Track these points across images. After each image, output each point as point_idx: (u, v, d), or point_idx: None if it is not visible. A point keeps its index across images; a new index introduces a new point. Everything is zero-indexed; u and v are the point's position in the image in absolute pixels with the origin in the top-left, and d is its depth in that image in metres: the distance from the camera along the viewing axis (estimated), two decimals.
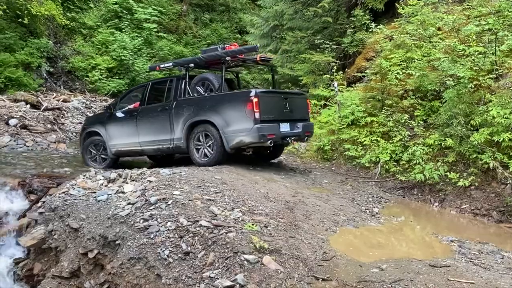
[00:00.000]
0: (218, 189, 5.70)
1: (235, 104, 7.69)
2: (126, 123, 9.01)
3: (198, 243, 4.04)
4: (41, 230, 6.04)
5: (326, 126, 10.89)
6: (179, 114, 8.24)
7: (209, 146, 7.90)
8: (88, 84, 18.44)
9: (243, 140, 7.56)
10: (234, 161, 8.63)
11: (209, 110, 7.83)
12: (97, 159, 9.53)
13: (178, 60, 9.14)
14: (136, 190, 6.02)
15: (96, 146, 9.52)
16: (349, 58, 13.20)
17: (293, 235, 4.39)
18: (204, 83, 8.49)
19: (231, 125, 7.60)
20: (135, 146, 8.94)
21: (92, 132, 9.52)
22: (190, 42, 23.65)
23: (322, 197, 6.65)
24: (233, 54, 8.20)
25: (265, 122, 7.52)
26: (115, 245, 4.88)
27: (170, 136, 8.37)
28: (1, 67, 15.83)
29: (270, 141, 7.56)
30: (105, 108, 10.20)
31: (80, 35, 19.77)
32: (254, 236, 3.92)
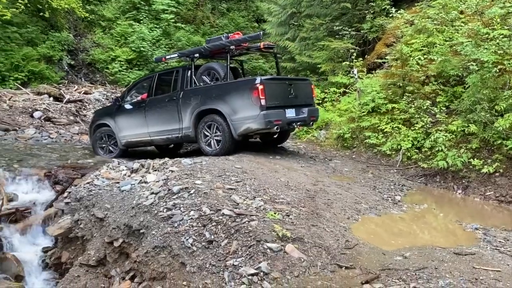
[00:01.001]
0: (239, 178, 5.74)
1: (241, 92, 7.82)
2: (135, 114, 9.19)
3: (221, 231, 4.09)
4: (68, 219, 6.19)
5: (346, 114, 10.80)
6: (186, 103, 8.38)
7: (217, 136, 8.04)
8: (108, 76, 18.65)
9: (250, 127, 7.71)
10: (253, 150, 8.70)
11: (216, 98, 7.98)
12: (108, 150, 9.72)
13: (183, 50, 9.31)
14: (158, 180, 6.11)
15: (105, 137, 9.70)
16: (369, 44, 12.99)
17: (315, 223, 4.40)
18: (210, 73, 8.65)
19: (238, 113, 7.75)
20: (145, 136, 9.12)
21: (102, 124, 9.71)
22: (208, 32, 23.60)
23: (343, 186, 6.63)
24: (237, 43, 8.32)
25: (271, 109, 7.66)
26: (139, 234, 4.98)
27: (178, 125, 8.54)
28: (24, 61, 16.14)
29: (276, 127, 7.73)
30: (113, 100, 10.33)
31: (99, 27, 19.96)
32: (276, 225, 3.95)
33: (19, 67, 15.91)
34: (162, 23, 20.97)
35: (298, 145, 10.62)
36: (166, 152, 9.96)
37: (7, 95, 12.62)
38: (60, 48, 17.73)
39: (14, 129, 10.89)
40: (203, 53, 8.74)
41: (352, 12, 13.17)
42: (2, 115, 11.12)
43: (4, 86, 15.25)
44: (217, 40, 8.72)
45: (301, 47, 14.56)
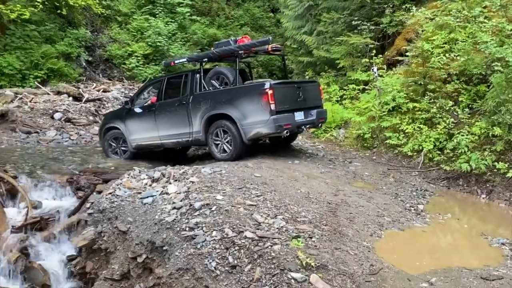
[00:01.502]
0: (259, 191, 5.72)
1: (251, 96, 7.86)
2: (145, 118, 9.25)
3: (244, 256, 4.10)
4: (91, 231, 6.28)
5: (366, 112, 10.65)
6: (196, 108, 8.43)
7: (227, 140, 8.08)
8: (125, 71, 18.73)
9: (260, 132, 7.80)
10: (271, 152, 8.68)
11: (226, 103, 8.02)
12: (118, 152, 9.80)
13: (192, 55, 9.41)
14: (179, 191, 6.14)
15: (116, 139, 9.78)
16: (388, 38, 12.74)
17: (338, 246, 4.37)
18: (219, 77, 8.70)
19: (248, 117, 7.80)
20: (155, 140, 9.19)
21: (112, 127, 9.78)
22: (223, 24, 23.50)
23: (364, 194, 6.57)
24: (246, 49, 8.39)
25: (280, 113, 7.71)
26: (162, 251, 5.03)
27: (188, 129, 8.61)
28: (43, 58, 16.29)
29: (286, 131, 7.81)
30: (122, 104, 10.40)
31: (116, 23, 20.02)
32: (300, 252, 3.93)
33: (38, 65, 16.07)
34: (177, 16, 20.93)
35: (317, 145, 10.55)
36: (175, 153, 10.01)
37: (28, 96, 12.78)
38: (77, 44, 17.83)
39: (36, 131, 11.06)
40: (211, 58, 8.86)
41: (370, 5, 12.89)
42: (24, 117, 11.29)
43: (25, 84, 15.45)
44: (225, 44, 8.76)
45: (318, 41, 14.38)
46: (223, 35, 22.70)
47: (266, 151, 8.95)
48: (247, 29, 23.75)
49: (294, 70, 17.34)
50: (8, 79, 15.25)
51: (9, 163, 8.59)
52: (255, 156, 8.46)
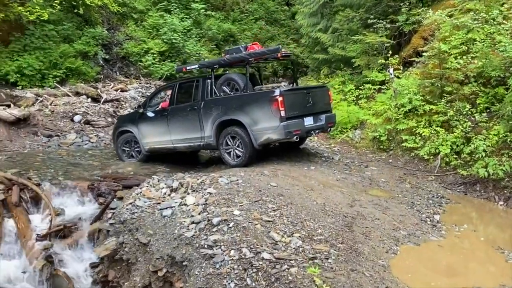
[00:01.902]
0: (275, 204, 5.82)
1: (261, 103, 8.04)
2: (158, 122, 9.47)
3: (262, 278, 4.21)
4: (113, 241, 6.48)
5: (382, 113, 10.60)
6: (207, 113, 8.64)
7: (238, 146, 8.29)
8: (142, 68, 18.90)
9: (271, 137, 8.01)
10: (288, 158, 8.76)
11: (237, 109, 8.22)
12: (131, 155, 10.06)
13: (203, 62, 9.54)
14: (198, 203, 6.27)
15: (129, 142, 10.02)
16: (404, 36, 12.59)
17: (354, 267, 4.45)
18: (229, 83, 8.88)
19: (259, 124, 7.99)
20: (168, 144, 9.43)
21: (125, 130, 10.02)
22: (238, 18, 23.47)
23: (380, 205, 6.62)
24: (257, 57, 8.60)
25: (290, 119, 7.90)
26: (182, 266, 5.19)
27: (200, 134, 8.82)
28: (61, 58, 16.53)
29: (296, 136, 8.00)
30: (135, 108, 10.56)
31: (132, 20, 20.16)
32: (316, 278, 4.03)
33: (57, 65, 16.31)
34: (192, 12, 20.96)
35: (333, 147, 10.58)
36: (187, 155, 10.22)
37: (48, 99, 13.04)
38: (95, 43, 18.01)
39: (56, 134, 11.32)
40: (222, 64, 9.10)
41: (386, 2, 12.75)
42: (45, 121, 11.56)
43: (44, 84, 15.74)
44: (236, 51, 8.98)
45: (333, 39, 14.31)
46: (238, 30, 22.74)
47: (282, 155, 9.04)
48: (261, 23, 23.71)
49: (310, 66, 17.31)
50: (28, 79, 15.56)
51: (32, 169, 8.85)
52: (271, 161, 8.57)
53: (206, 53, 20.24)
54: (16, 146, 10.34)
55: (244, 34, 22.62)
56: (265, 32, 23.24)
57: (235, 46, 9.57)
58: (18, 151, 10.07)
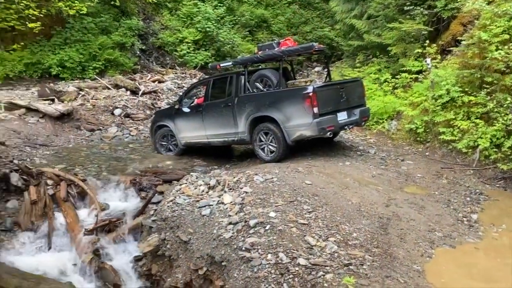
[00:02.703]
0: (310, 206, 5.95)
1: (294, 100, 8.07)
2: (193, 117, 9.73)
3: (298, 284, 4.38)
4: (155, 238, 6.82)
5: (419, 103, 10.40)
6: (241, 109, 8.79)
7: (271, 142, 8.45)
8: (177, 58, 19.20)
9: (304, 134, 8.08)
10: (322, 153, 8.82)
11: (270, 106, 8.32)
12: (169, 148, 10.42)
13: (237, 59, 9.68)
14: (234, 202, 6.49)
15: (166, 136, 10.38)
16: (443, 22, 12.18)
17: (388, 273, 4.55)
18: (262, 79, 8.98)
19: (291, 120, 8.07)
20: (203, 138, 9.72)
21: (162, 125, 10.37)
22: (271, 3, 23.28)
23: (416, 203, 6.62)
24: (290, 54, 8.75)
25: (323, 115, 7.93)
26: (221, 265, 5.44)
27: (234, 130, 9.03)
28: (100, 50, 17.06)
29: (329, 132, 8.07)
30: (171, 103, 10.83)
31: (166, 9, 20.40)
32: (351, 286, 4.16)
33: (96, 57, 16.88)
34: None
35: (368, 139, 10.52)
36: (220, 149, 10.47)
37: (89, 93, 13.54)
38: (131, 34, 18.40)
39: (98, 128, 11.80)
40: (255, 61, 9.24)
41: None
42: (87, 115, 12.06)
43: (84, 75, 16.36)
44: (268, 47, 9.04)
45: (369, 25, 14.03)
46: (271, 15, 22.59)
47: (316, 149, 9.10)
48: (295, 7, 23.43)
49: (345, 52, 17.07)
50: (70, 71, 16.20)
51: (78, 164, 9.33)
52: (305, 157, 8.67)
53: (239, 40, 20.30)
54: (62, 140, 10.86)
55: (278, 19, 22.46)
56: (298, 17, 22.99)
57: (268, 42, 9.62)
58: (63, 146, 10.59)
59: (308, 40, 22.20)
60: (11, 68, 15.25)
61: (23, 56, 15.67)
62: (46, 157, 9.48)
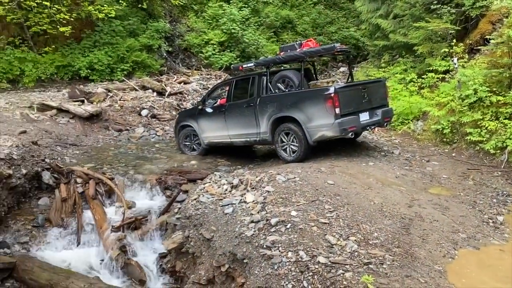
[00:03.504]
0: (332, 205, 5.96)
1: (316, 101, 8.09)
2: (216, 118, 9.88)
3: (317, 282, 4.42)
4: (180, 235, 6.96)
5: (445, 103, 10.24)
6: (263, 110, 8.88)
7: (293, 142, 8.51)
8: (202, 59, 19.48)
9: (325, 134, 8.12)
10: (346, 153, 8.80)
11: (291, 106, 8.38)
12: (192, 148, 10.63)
13: (259, 60, 9.68)
14: (256, 201, 6.57)
15: (189, 136, 10.59)
16: (471, 20, 11.95)
17: (409, 272, 4.53)
18: (284, 80, 9.05)
19: (313, 121, 8.11)
20: (225, 138, 9.87)
21: (186, 125, 10.56)
22: (296, 4, 23.31)
23: (440, 204, 6.54)
24: (312, 55, 8.81)
25: (345, 116, 7.95)
26: (243, 263, 5.52)
27: (256, 130, 9.13)
28: (128, 52, 17.51)
29: (351, 133, 8.09)
30: (195, 104, 11.03)
31: (192, 12, 20.74)
32: (370, 285, 4.17)
33: (124, 59, 17.34)
34: (250, 1, 21.12)
35: (393, 139, 10.42)
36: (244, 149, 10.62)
37: (117, 94, 13.89)
38: (158, 36, 18.83)
39: (126, 129, 12.11)
40: (277, 63, 9.28)
41: None
42: (115, 116, 12.39)
43: (113, 77, 16.82)
44: (290, 48, 9.10)
45: (395, 25, 13.91)
46: (296, 16, 22.61)
47: (340, 149, 9.09)
48: (320, 7, 23.37)
49: (370, 52, 16.95)
50: (99, 73, 16.69)
51: (106, 163, 9.61)
52: (328, 157, 8.67)
53: (264, 41, 20.41)
54: (91, 140, 11.20)
55: (303, 20, 22.47)
56: (324, 17, 22.93)
57: (290, 43, 9.65)
58: (92, 145, 10.91)
59: (333, 40, 22.10)
60: (43, 70, 15.81)
61: (54, 59, 16.23)
62: (76, 156, 9.80)
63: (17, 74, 15.43)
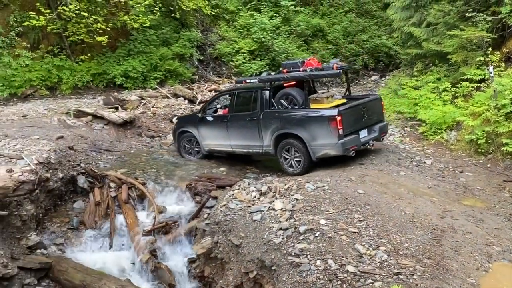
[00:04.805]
0: (361, 215, 5.92)
1: (321, 121, 8.38)
2: (218, 127, 10.06)
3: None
4: (209, 240, 7.05)
5: (480, 113, 9.98)
6: (267, 124, 9.10)
7: (296, 157, 8.81)
8: (233, 68, 19.70)
9: (328, 153, 8.44)
10: (378, 161, 8.69)
11: (296, 124, 8.67)
12: (192, 153, 10.76)
13: (263, 77, 9.74)
14: (285, 208, 6.59)
15: (189, 142, 10.72)
16: (508, 28, 11.62)
17: (440, 284, 4.44)
18: (287, 97, 9.20)
19: (317, 140, 8.41)
20: (227, 147, 10.10)
21: (185, 131, 10.71)
22: (327, 12, 23.29)
23: (473, 216, 6.38)
24: (316, 78, 9.25)
25: (347, 135, 8.27)
26: (271, 270, 5.54)
27: (259, 143, 9.36)
28: (161, 61, 17.92)
29: (352, 151, 8.37)
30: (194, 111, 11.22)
31: (224, 21, 21.03)
32: None
33: (157, 67, 17.75)
34: (281, 10, 21.27)
35: (425, 149, 10.24)
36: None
37: (150, 101, 14.23)
38: (190, 45, 19.18)
39: (158, 135, 12.36)
40: (280, 80, 9.41)
41: None
42: (148, 123, 12.68)
43: (146, 85, 17.23)
44: (293, 65, 9.27)
45: (428, 33, 13.65)
46: (327, 24, 22.59)
47: (370, 158, 8.99)
48: (351, 16, 23.29)
49: (402, 61, 16.72)
50: (133, 81, 17.13)
51: (138, 169, 9.82)
52: (359, 166, 8.59)
53: (294, 49, 20.47)
54: (124, 146, 11.48)
55: (333, 28, 22.42)
56: (355, 25, 22.82)
57: (293, 61, 9.79)
58: (125, 151, 11.18)
59: (364, 49, 22.00)
60: (80, 78, 16.37)
61: (90, 67, 16.78)
62: (109, 162, 10.08)
63: (55, 82, 16.03)
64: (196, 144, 10.69)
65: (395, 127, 11.99)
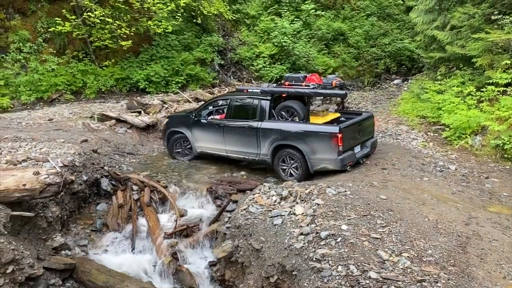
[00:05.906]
0: (384, 220, 5.85)
1: (321, 137, 8.67)
2: (213, 131, 10.15)
3: None
4: (229, 244, 7.06)
5: (506, 117, 9.77)
6: (266, 134, 9.30)
7: (293, 166, 9.11)
8: (253, 72, 19.77)
9: (327, 167, 8.79)
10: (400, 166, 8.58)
11: (296, 137, 8.90)
12: (183, 154, 10.88)
13: (266, 88, 9.79)
14: (306, 213, 6.56)
15: (180, 142, 10.83)
16: None
17: None
18: (288, 110, 9.35)
19: (317, 153, 8.74)
20: (221, 151, 10.26)
21: (177, 131, 10.79)
22: (348, 16, 23.16)
23: (500, 223, 6.23)
24: (320, 96, 9.38)
25: (345, 152, 8.67)
26: (292, 275, 5.51)
27: (256, 150, 9.56)
28: (182, 65, 18.12)
29: (348, 167, 8.78)
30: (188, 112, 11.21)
31: (244, 26, 21.15)
32: None
33: (179, 72, 17.95)
34: (302, 14, 21.24)
35: (450, 154, 10.04)
36: None
37: (172, 106, 14.39)
38: (211, 50, 19.35)
39: None
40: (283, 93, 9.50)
41: None
42: None
43: (168, 89, 17.45)
44: (296, 79, 9.50)
45: (452, 36, 13.42)
46: (348, 28, 22.46)
47: (393, 163, 8.89)
48: (373, 19, 23.08)
49: (425, 65, 16.49)
50: (155, 86, 17.37)
51: (160, 172, 9.95)
52: (381, 170, 8.51)
53: (315, 53, 20.42)
54: (146, 149, 11.64)
55: (355, 32, 22.28)
56: (377, 29, 22.62)
57: (295, 74, 9.88)
58: (148, 155, 11.33)
59: (386, 52, 21.76)
60: (104, 82, 16.68)
61: (114, 72, 17.09)
62: (132, 165, 10.22)
63: (80, 86, 16.37)
64: (187, 145, 10.81)
65: (418, 132, 11.83)
